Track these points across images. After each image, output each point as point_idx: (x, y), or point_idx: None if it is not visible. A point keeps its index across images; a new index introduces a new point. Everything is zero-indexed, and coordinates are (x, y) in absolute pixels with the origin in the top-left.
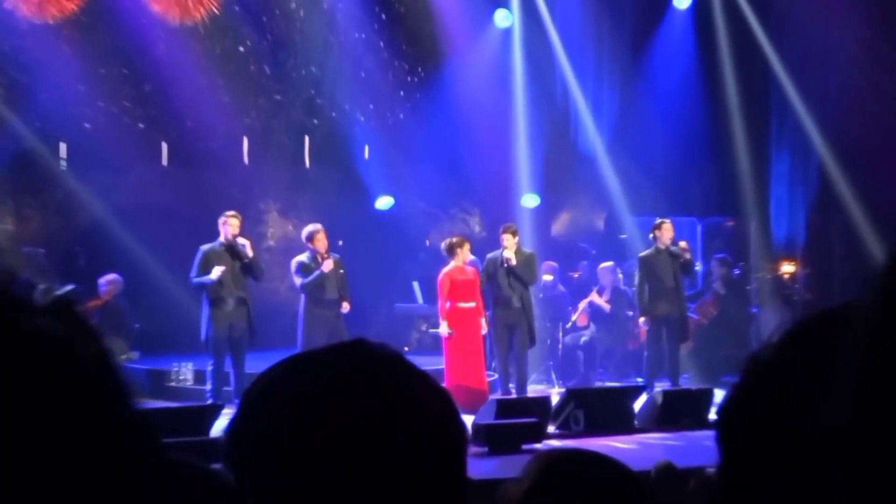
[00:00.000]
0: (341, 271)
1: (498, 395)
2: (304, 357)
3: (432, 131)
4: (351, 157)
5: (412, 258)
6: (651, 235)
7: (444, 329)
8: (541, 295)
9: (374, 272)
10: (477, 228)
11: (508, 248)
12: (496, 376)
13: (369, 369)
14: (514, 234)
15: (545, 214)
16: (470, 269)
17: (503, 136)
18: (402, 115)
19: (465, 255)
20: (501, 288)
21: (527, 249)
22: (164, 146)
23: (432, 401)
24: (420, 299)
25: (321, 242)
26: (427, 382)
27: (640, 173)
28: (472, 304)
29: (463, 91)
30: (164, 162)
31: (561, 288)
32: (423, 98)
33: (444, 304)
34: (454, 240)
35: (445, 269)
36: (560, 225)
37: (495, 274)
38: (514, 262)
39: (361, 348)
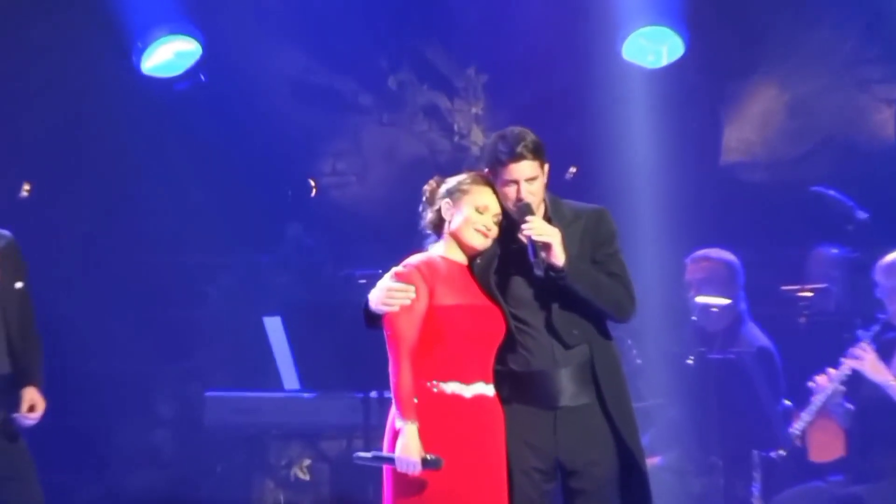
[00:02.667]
0: (18, 286)
1: None
2: None
3: None
4: None
5: (262, 247)
6: None
7: (408, 450)
8: (690, 359)
9: (134, 292)
10: (477, 138)
11: (526, 210)
12: None
13: None
14: (534, 153)
15: (697, 87)
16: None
17: None
18: None
19: (473, 221)
20: (524, 334)
21: (577, 204)
22: None
23: None
24: (290, 379)
25: None
26: None
27: None
28: (490, 391)
29: None
30: None
31: (759, 338)
32: None
33: (400, 378)
34: (455, 182)
35: (421, 258)
36: (748, 130)
37: (490, 290)
38: (558, 257)
39: None
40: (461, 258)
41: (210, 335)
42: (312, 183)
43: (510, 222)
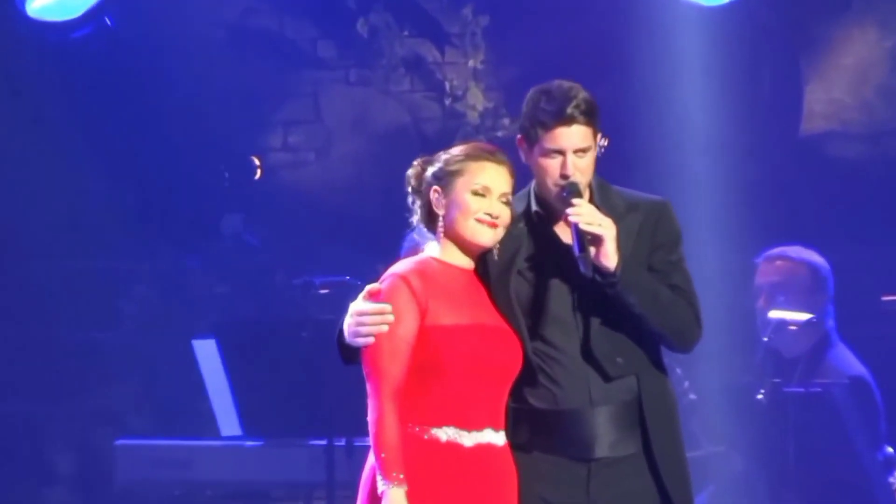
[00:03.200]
0: None
1: None
2: None
3: None
4: None
5: (190, 248)
6: None
7: None
8: (761, 394)
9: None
10: (475, 100)
11: (574, 190)
12: None
13: None
14: (587, 116)
15: (771, 30)
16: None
17: None
18: None
19: (471, 209)
20: (551, 361)
21: (630, 192)
22: None
23: None
24: (228, 423)
25: None
26: None
27: None
28: (499, 440)
29: None
30: None
31: (852, 364)
32: None
33: (383, 426)
34: (442, 161)
35: (409, 264)
36: (838, 89)
37: (506, 302)
38: (609, 256)
39: None
40: (464, 261)
41: (122, 365)
42: (257, 162)
43: (545, 209)
